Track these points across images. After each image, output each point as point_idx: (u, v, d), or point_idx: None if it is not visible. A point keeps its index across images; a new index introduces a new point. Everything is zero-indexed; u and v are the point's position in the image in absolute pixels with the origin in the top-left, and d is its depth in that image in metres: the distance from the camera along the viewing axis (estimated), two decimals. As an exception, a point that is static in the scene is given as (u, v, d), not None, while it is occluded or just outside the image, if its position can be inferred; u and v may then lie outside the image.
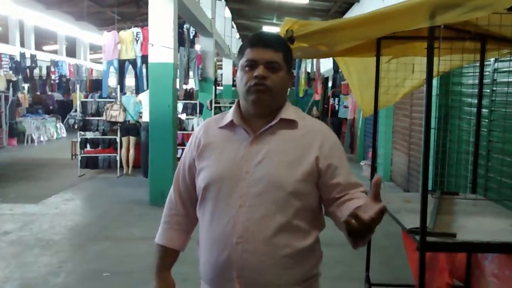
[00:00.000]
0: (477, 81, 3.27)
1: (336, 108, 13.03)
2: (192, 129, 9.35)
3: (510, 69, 4.28)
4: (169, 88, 6.90)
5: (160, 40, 6.84)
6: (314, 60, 13.66)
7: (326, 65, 14.67)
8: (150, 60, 7.03)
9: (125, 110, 8.92)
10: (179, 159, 8.79)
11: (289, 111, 1.56)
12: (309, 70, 14.27)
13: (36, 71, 17.41)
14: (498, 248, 2.25)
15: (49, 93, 18.03)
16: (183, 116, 9.79)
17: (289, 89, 1.67)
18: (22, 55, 16.48)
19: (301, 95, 14.06)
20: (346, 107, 12.36)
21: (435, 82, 5.77)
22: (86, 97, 11.50)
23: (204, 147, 1.59)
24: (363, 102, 3.63)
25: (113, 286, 4.15)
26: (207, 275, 1.56)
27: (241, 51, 1.55)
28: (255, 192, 1.46)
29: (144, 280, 4.19)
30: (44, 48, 22.38)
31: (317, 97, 15.11)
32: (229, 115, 1.58)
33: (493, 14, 2.09)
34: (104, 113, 8.94)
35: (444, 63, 3.17)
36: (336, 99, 13.12)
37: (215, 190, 1.51)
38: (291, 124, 1.55)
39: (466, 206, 2.88)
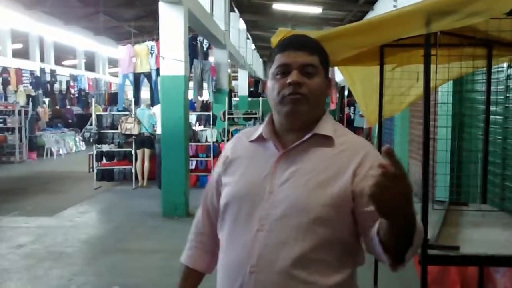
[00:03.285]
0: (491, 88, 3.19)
1: (352, 117, 12.92)
2: (206, 141, 9.38)
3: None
4: (180, 101, 6.94)
5: (171, 53, 6.90)
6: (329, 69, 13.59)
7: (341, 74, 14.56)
8: (161, 73, 7.11)
9: (139, 122, 9.02)
10: (192, 170, 8.88)
11: (326, 126, 1.35)
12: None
13: (56, 86, 17.80)
14: (504, 262, 2.16)
15: (68, 107, 18.36)
16: (197, 128, 9.83)
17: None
18: (42, 70, 16.89)
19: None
20: (361, 116, 12.24)
21: (447, 89, 5.67)
22: (105, 110, 11.63)
23: (230, 162, 1.44)
24: (368, 111, 3.57)
25: (122, 299, 4.17)
26: None
27: (270, 60, 1.37)
28: (276, 215, 1.28)
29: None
30: (64, 63, 22.85)
31: (333, 106, 15.01)
32: (261, 128, 1.41)
33: (492, 19, 2.03)
34: (119, 126, 9.06)
35: (450, 70, 3.11)
36: (352, 108, 13.02)
37: (234, 210, 1.36)
38: (326, 140, 1.34)
39: (474, 217, 2.79)
